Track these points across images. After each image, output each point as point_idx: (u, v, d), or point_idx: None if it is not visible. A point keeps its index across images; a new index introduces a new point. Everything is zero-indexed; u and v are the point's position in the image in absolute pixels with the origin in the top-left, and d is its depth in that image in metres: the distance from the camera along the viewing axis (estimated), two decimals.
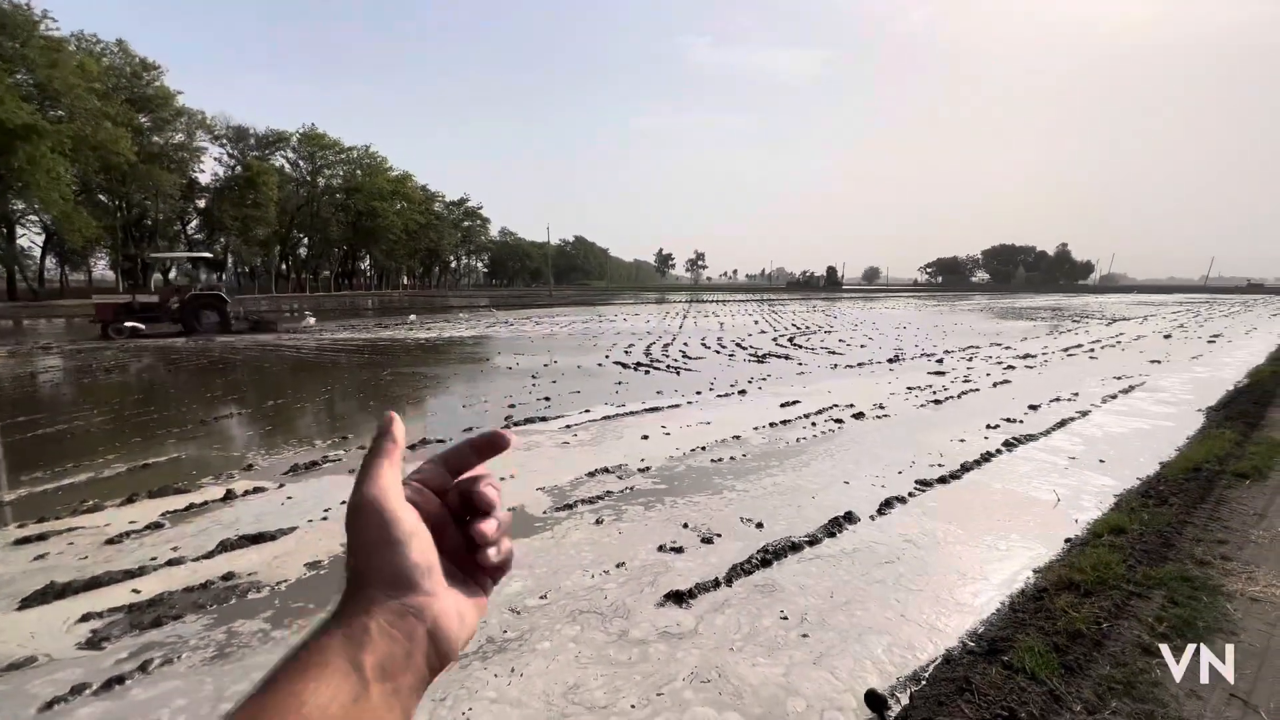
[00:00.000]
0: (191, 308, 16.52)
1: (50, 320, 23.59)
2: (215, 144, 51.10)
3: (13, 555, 3.28)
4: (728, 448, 5.31)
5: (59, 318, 25.32)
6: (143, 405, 7.46)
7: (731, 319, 23.63)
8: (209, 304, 16.75)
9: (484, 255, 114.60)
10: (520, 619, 2.63)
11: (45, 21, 34.37)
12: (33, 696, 2.15)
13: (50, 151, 30.79)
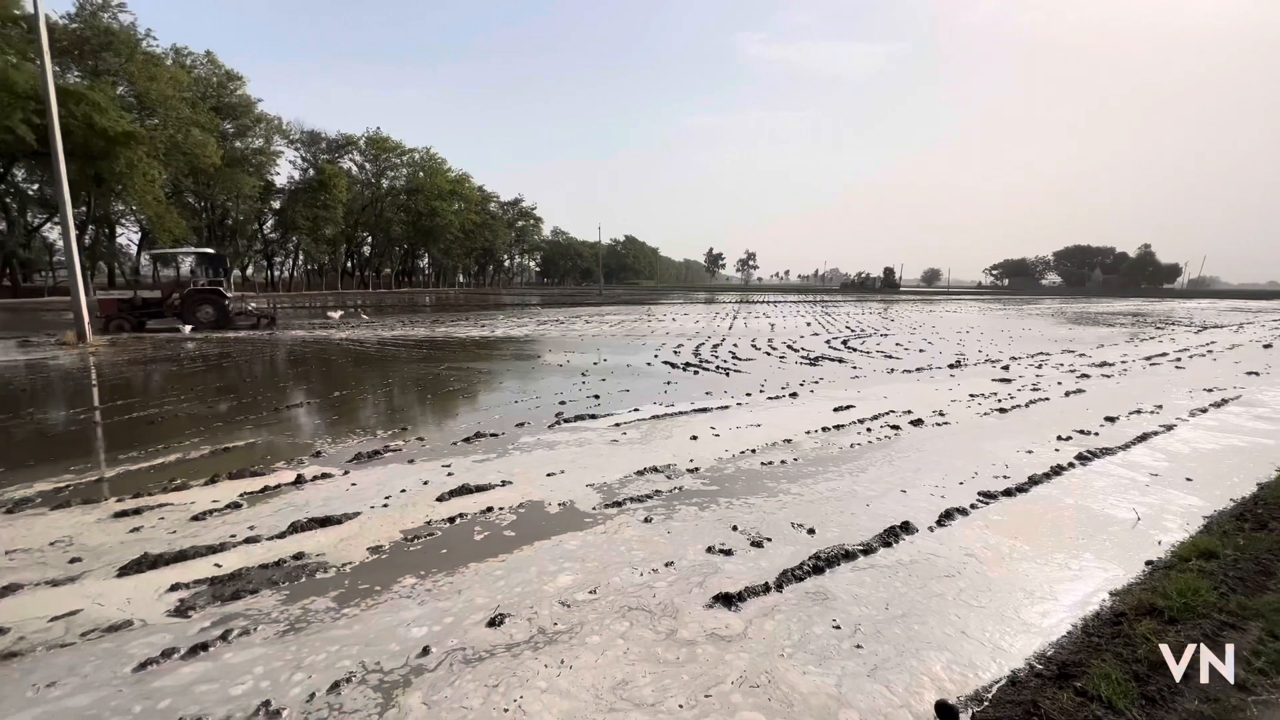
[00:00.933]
0: (189, 303, 16.97)
1: None
2: (290, 148, 54.13)
3: (112, 526, 3.59)
4: (778, 451, 5.22)
5: None
6: (223, 393, 7.99)
7: (782, 320, 23.23)
8: (206, 299, 17.13)
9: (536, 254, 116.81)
10: (570, 612, 2.67)
11: (147, 39, 37.22)
12: (130, 656, 2.34)
13: (146, 156, 33.36)
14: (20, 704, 2.09)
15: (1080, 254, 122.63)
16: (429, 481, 4.37)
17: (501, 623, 2.57)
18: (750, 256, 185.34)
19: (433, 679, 2.22)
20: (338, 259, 62.24)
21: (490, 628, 2.54)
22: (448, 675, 2.24)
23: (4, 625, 2.55)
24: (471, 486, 4.22)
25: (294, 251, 58.72)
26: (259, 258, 57.22)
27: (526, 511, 3.85)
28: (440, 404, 7.43)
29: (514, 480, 4.40)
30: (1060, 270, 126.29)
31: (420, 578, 2.98)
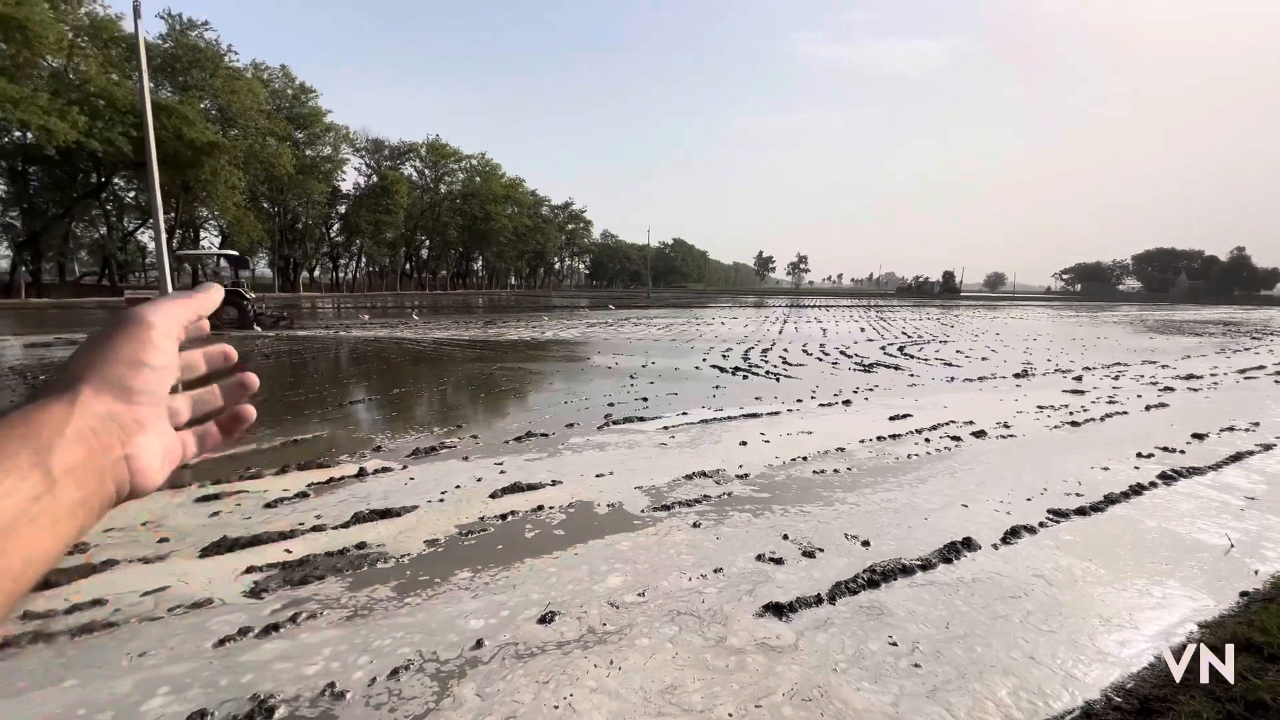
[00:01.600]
0: None
1: None
2: (356, 155, 56.77)
3: (195, 510, 3.85)
4: (831, 460, 5.09)
5: None
6: (292, 388, 8.45)
7: (835, 325, 22.67)
8: (229, 300, 17.22)
9: (586, 257, 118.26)
10: (619, 613, 2.68)
11: (229, 55, 39.89)
12: (211, 632, 2.51)
13: (228, 165, 35.70)
14: (118, 670, 2.27)
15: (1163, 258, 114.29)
16: (482, 478, 4.49)
17: (552, 620, 2.61)
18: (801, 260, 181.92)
19: (486, 671, 2.28)
20: (398, 261, 64.83)
21: (541, 624, 2.58)
22: (500, 669, 2.29)
23: (102, 597, 2.77)
24: (523, 485, 4.30)
25: (357, 254, 61.53)
26: (325, 260, 60.25)
27: (576, 511, 3.89)
28: (492, 403, 7.62)
29: (564, 480, 4.47)
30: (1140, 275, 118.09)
31: (474, 572, 3.06)
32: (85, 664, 2.31)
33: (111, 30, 31.95)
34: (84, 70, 29.54)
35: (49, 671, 2.27)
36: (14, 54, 26.57)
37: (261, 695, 2.12)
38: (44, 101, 26.39)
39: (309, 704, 2.11)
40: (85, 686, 2.18)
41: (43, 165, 34.06)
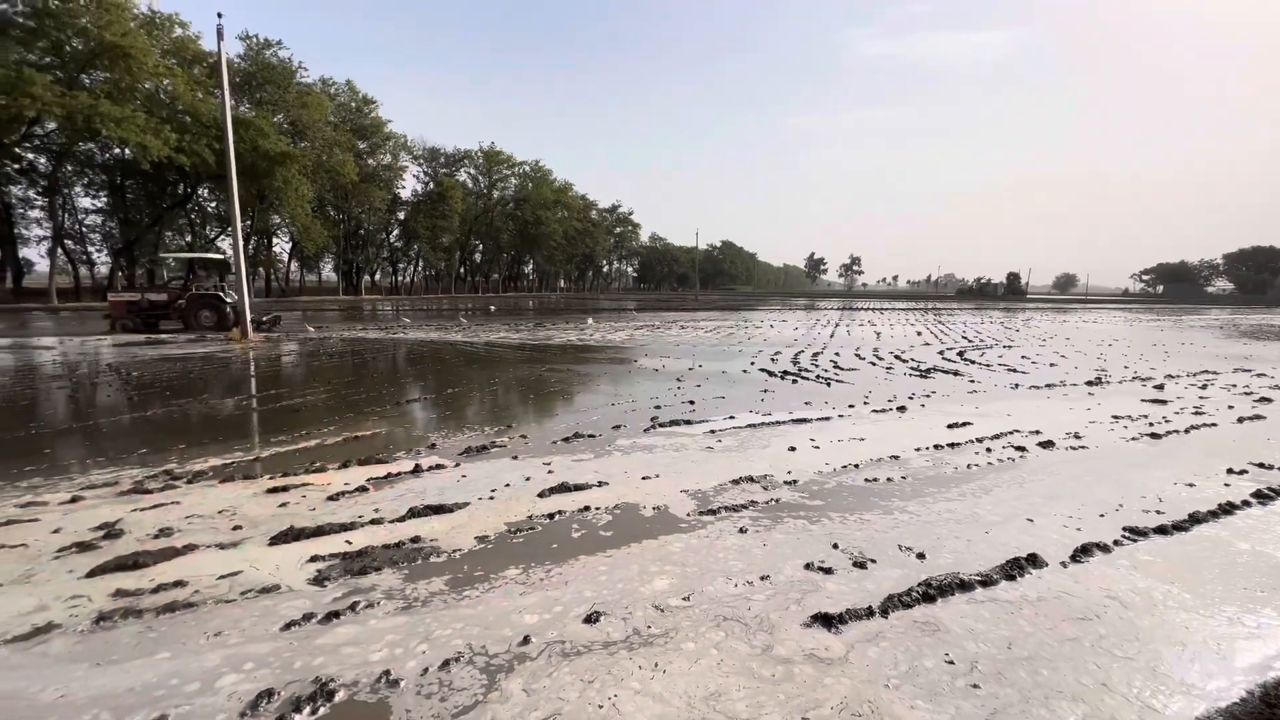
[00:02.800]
0: (192, 306, 17.62)
1: (290, 311, 28.97)
2: (414, 163, 59.04)
3: (265, 500, 4.08)
4: (884, 468, 4.93)
5: (297, 310, 31.04)
6: (353, 386, 8.86)
7: (890, 328, 21.93)
8: (207, 304, 17.73)
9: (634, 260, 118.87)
10: (664, 617, 2.68)
11: (300, 72, 42.29)
12: (279, 616, 2.65)
13: (298, 174, 37.79)
14: (201, 648, 2.43)
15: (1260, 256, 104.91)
16: (530, 478, 4.57)
17: (597, 620, 2.63)
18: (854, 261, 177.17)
19: (533, 668, 2.32)
20: (452, 265, 66.98)
21: (587, 624, 2.61)
22: (546, 666, 2.33)
23: (183, 579, 2.98)
24: (570, 485, 4.36)
25: (415, 259, 63.97)
26: (385, 264, 62.90)
27: (621, 513, 3.91)
28: (541, 404, 7.75)
29: (610, 481, 4.50)
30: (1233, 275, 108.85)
31: (522, 570, 3.12)
32: (172, 639, 2.48)
33: (196, 51, 34.44)
34: (173, 89, 31.91)
35: (140, 644, 2.45)
36: (118, 79, 29.05)
37: (323, 679, 2.23)
38: (141, 120, 28.69)
39: (366, 689, 2.20)
40: (175, 660, 2.35)
41: (138, 178, 37.06)
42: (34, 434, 5.98)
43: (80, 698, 2.14)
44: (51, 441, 5.70)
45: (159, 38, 32.81)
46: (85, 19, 27.79)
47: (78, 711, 2.07)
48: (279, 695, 2.15)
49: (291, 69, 41.53)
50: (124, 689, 2.18)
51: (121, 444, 5.58)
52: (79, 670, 2.29)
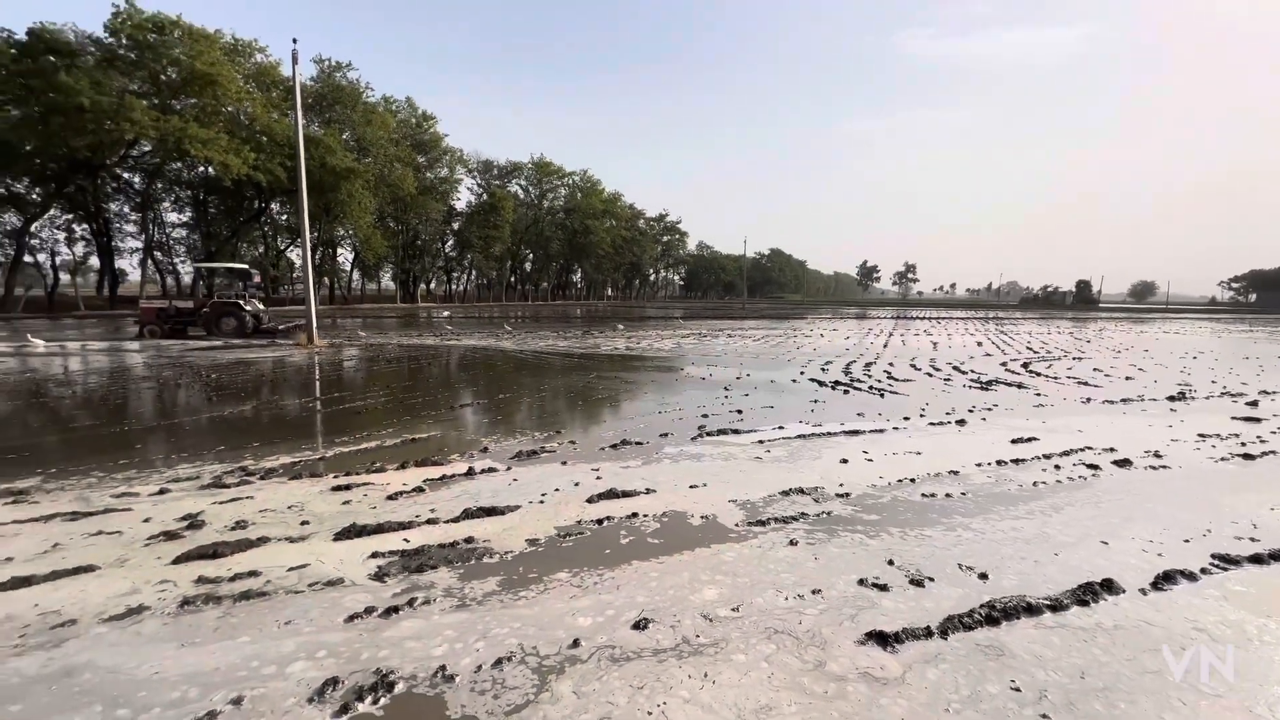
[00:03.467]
0: (214, 314, 18.42)
1: (352, 319, 30.40)
2: (468, 175, 61.08)
3: (330, 498, 4.29)
4: (943, 483, 4.74)
5: (358, 318, 32.52)
6: (409, 391, 9.21)
7: (947, 338, 21.10)
8: (228, 311, 18.50)
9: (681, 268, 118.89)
10: (713, 626, 2.66)
11: (366, 92, 44.57)
12: (343, 608, 2.78)
13: (361, 189, 39.71)
14: (273, 635, 2.58)
15: None
16: (579, 483, 4.63)
17: (646, 627, 2.64)
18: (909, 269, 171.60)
19: (583, 671, 2.34)
20: (503, 274, 68.77)
21: (635, 630, 2.62)
22: (596, 670, 2.35)
23: (257, 569, 3.17)
24: (618, 491, 4.39)
25: (468, 268, 66.02)
26: (440, 273, 65.16)
27: (669, 521, 3.91)
28: (589, 411, 7.84)
29: (657, 489, 4.51)
30: None
31: (572, 574, 3.16)
32: (248, 626, 2.64)
33: (274, 76, 36.84)
34: (252, 112, 34.21)
35: (220, 629, 2.62)
36: (205, 104, 31.43)
37: (384, 670, 2.32)
38: (224, 141, 30.89)
39: (424, 682, 2.28)
40: (250, 645, 2.50)
41: (219, 194, 39.83)
42: (128, 430, 6.49)
43: (172, 675, 2.30)
44: (143, 437, 6.18)
45: (241, 64, 35.27)
46: (178, 50, 30.19)
47: (170, 687, 2.23)
48: (343, 684, 2.25)
49: (359, 89, 43.85)
50: (209, 668, 2.34)
51: (203, 440, 5.99)
52: (167, 649, 2.47)
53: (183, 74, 30.75)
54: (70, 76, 26.70)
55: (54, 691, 2.21)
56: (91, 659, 2.39)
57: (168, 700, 2.16)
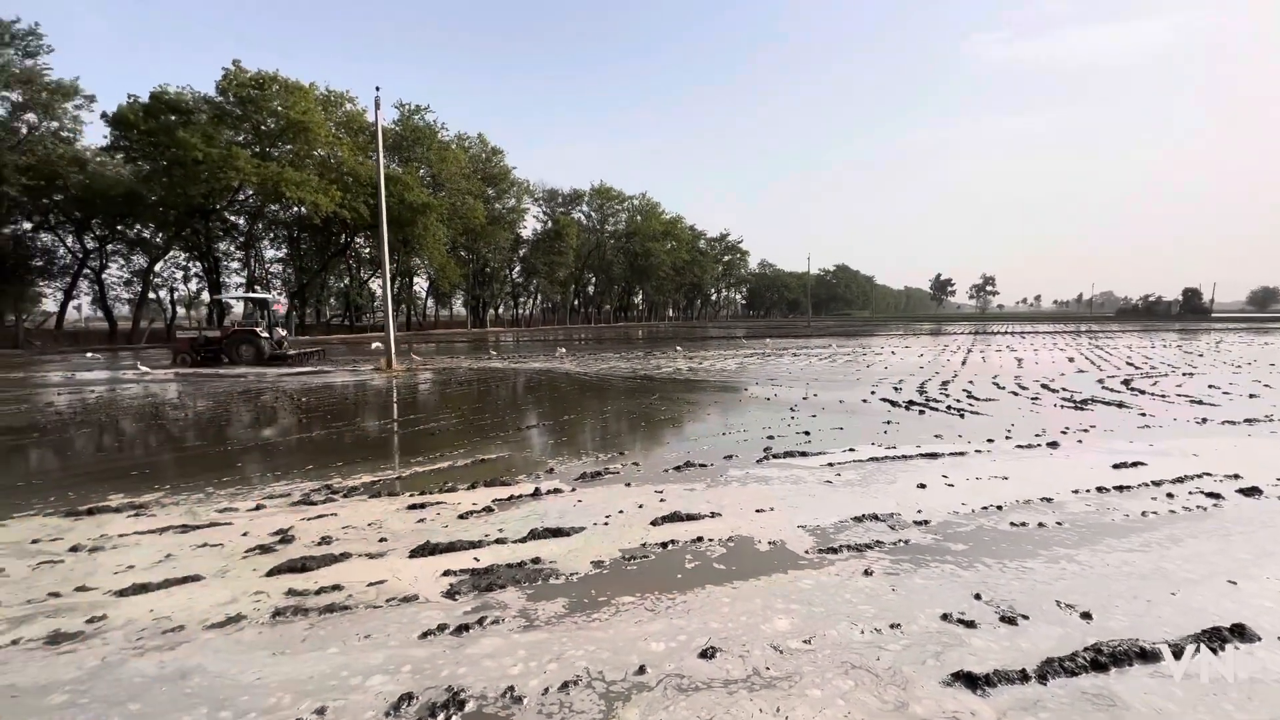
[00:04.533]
0: (233, 341, 19.36)
1: (426, 344, 31.96)
2: (534, 204, 63.45)
3: (406, 516, 4.48)
4: (1035, 511, 4.38)
5: (432, 342, 34.17)
6: (479, 412, 9.53)
7: (1034, 354, 19.71)
8: (245, 339, 19.39)
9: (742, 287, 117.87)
10: (784, 658, 2.55)
11: (441, 131, 47.45)
12: (418, 625, 2.87)
13: (436, 221, 42.03)
14: (356, 647, 2.70)
15: None
16: (643, 505, 4.61)
17: (714, 656, 2.56)
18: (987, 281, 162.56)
19: (650, 699, 2.30)
20: (567, 297, 70.52)
21: (703, 659, 2.55)
22: (663, 698, 2.30)
23: (340, 583, 3.34)
24: (682, 514, 4.34)
25: (534, 292, 68.21)
26: (508, 298, 67.64)
27: (736, 546, 3.81)
28: (651, 432, 7.83)
29: (723, 512, 4.42)
30: None
31: (637, 597, 3.13)
32: (332, 638, 2.78)
33: (360, 122, 39.95)
34: (340, 155, 37.16)
35: (308, 640, 2.77)
36: (298, 149, 34.51)
37: (455, 688, 2.37)
38: (314, 182, 33.69)
39: (492, 702, 2.30)
40: (335, 656, 2.62)
41: (310, 231, 43.27)
42: (230, 450, 7.06)
43: (271, 681, 2.45)
44: (242, 456, 6.70)
45: (333, 112, 38.53)
46: (276, 102, 33.38)
47: (268, 693, 2.37)
48: (418, 699, 2.31)
49: (434, 129, 46.79)
50: (301, 677, 2.47)
51: (293, 460, 6.42)
52: (262, 657, 2.62)
53: (280, 123, 33.91)
54: (187, 133, 30.06)
55: (167, 693, 2.39)
56: (200, 663, 2.58)
57: (263, 706, 2.29)
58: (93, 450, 7.23)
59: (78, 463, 6.54)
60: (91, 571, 3.55)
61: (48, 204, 32.11)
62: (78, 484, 5.53)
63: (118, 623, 2.94)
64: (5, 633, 2.87)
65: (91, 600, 3.19)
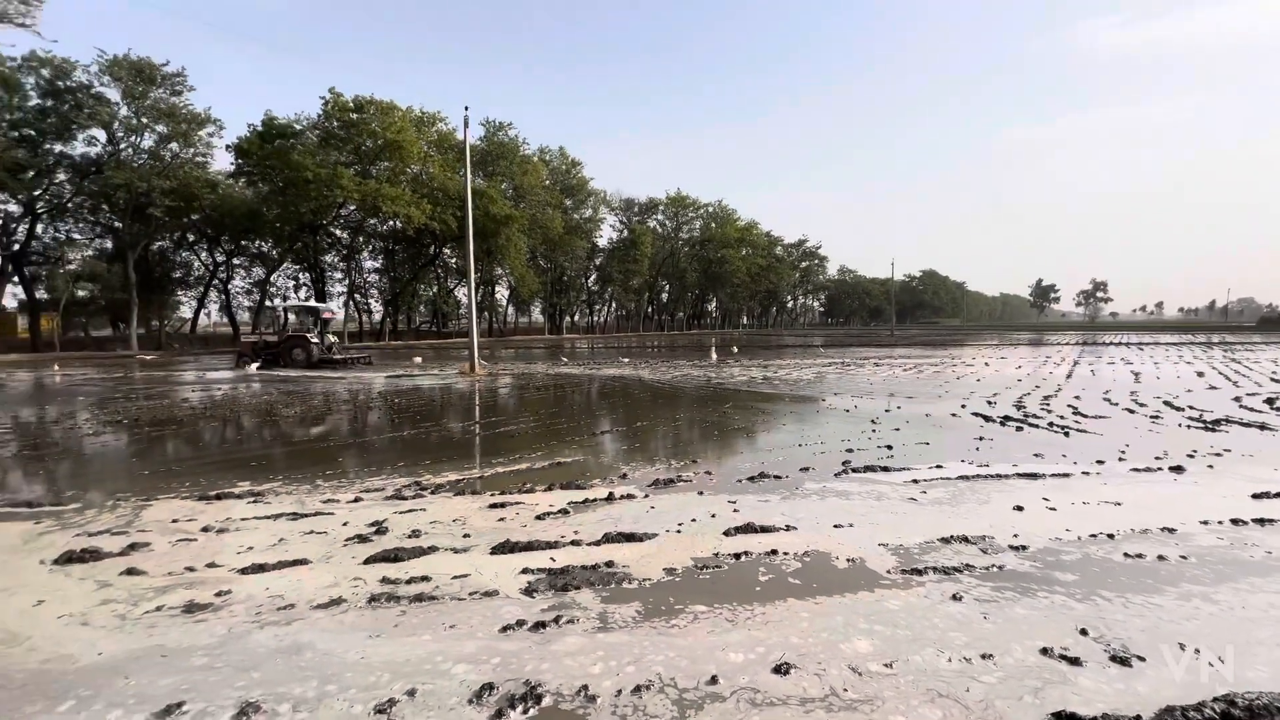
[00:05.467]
0: (286, 346, 21.22)
1: (506, 349, 33.30)
2: (610, 214, 64.74)
3: (488, 514, 4.69)
4: (1154, 542, 3.96)
5: (511, 348, 35.56)
6: (555, 417, 9.81)
7: (1154, 367, 17.79)
8: (297, 344, 21.22)
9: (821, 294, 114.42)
10: (863, 681, 2.45)
11: (523, 146, 49.56)
12: (499, 619, 3.00)
13: (517, 232, 43.82)
14: (442, 636, 2.86)
15: None
16: (716, 514, 4.58)
17: (788, 672, 2.50)
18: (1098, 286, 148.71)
19: (722, 710, 2.28)
20: (641, 305, 71.28)
21: (777, 674, 2.50)
22: (735, 711, 2.27)
23: (428, 574, 3.54)
24: (756, 526, 4.27)
25: (609, 300, 69.47)
26: (584, 306, 69.28)
27: (812, 561, 3.71)
28: (725, 441, 7.76)
29: (799, 526, 4.30)
30: None
31: (710, 607, 3.12)
32: (421, 626, 2.96)
33: (450, 140, 42.48)
34: (431, 171, 39.64)
35: (400, 625, 2.96)
36: (394, 167, 37.19)
37: (532, 683, 2.46)
38: (408, 197, 36.14)
39: (567, 699, 2.37)
40: (423, 643, 2.79)
41: (403, 243, 46.37)
42: (331, 445, 7.68)
43: (374, 661, 2.64)
44: (343, 452, 7.27)
45: (425, 131, 41.23)
46: (374, 123, 36.15)
47: (370, 671, 2.56)
48: (498, 690, 2.42)
49: (517, 144, 48.97)
50: (399, 659, 2.65)
51: (387, 457, 6.89)
52: (361, 638, 2.84)
53: (378, 143, 36.67)
54: (299, 155, 33.16)
55: (283, 664, 2.64)
56: (311, 640, 2.83)
57: (364, 684, 2.47)
58: (219, 441, 8.10)
59: (207, 452, 7.34)
60: (219, 550, 3.98)
61: (186, 223, 36.41)
62: (208, 471, 6.21)
63: (240, 597, 3.27)
64: (152, 599, 3.27)
65: (218, 576, 3.57)
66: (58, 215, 33.06)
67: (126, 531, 4.35)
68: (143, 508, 4.95)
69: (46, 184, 31.07)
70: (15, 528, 4.49)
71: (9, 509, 4.99)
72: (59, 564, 3.77)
